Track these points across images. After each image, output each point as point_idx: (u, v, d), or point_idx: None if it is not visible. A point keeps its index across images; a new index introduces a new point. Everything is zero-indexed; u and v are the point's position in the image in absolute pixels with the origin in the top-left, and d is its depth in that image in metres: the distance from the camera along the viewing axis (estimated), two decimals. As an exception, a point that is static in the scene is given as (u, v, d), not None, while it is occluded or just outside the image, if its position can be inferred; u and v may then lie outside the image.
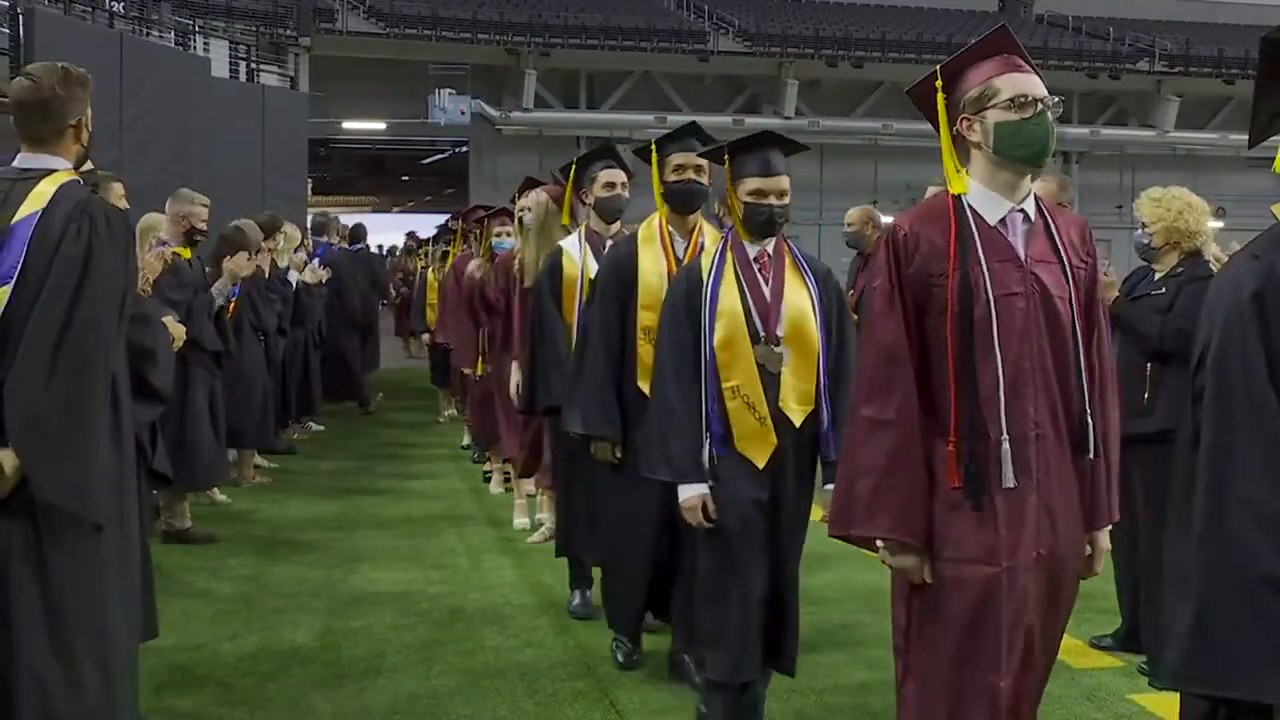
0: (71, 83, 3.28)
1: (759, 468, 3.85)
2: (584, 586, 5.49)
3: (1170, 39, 30.84)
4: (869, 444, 2.80)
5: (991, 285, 2.77)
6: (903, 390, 2.78)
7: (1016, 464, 2.76)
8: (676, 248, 4.58)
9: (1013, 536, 2.76)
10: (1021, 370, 2.78)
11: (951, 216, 2.83)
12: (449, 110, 27.35)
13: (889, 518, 2.78)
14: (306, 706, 4.44)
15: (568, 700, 4.48)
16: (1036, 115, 2.81)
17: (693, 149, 4.52)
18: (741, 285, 3.89)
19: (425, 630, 5.32)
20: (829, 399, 3.92)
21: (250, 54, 17.61)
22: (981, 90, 2.84)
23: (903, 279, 2.82)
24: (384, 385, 14.07)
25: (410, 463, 9.72)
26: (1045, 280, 2.83)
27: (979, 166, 2.87)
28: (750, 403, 3.83)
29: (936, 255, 2.80)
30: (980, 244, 2.80)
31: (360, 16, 28.08)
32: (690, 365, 3.87)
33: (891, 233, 2.88)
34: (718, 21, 30.68)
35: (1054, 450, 2.82)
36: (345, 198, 38.88)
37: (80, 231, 3.09)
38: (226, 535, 7.05)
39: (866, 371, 2.87)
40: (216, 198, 9.14)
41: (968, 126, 2.86)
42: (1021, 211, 2.86)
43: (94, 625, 3.15)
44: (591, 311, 4.68)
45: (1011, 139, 2.81)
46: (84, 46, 10.52)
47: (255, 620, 5.45)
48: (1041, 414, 2.80)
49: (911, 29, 31.20)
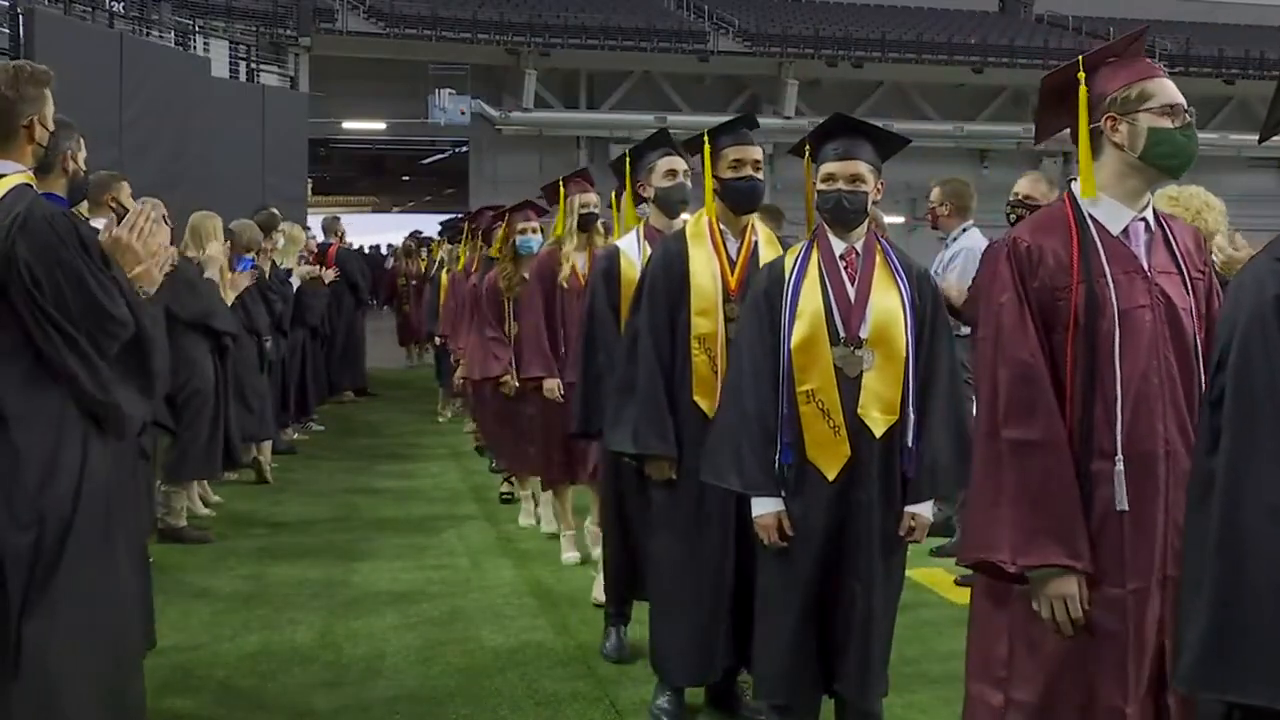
0: (23, 82, 3.17)
1: (829, 479, 3.57)
2: (621, 624, 4.96)
3: (1170, 39, 30.80)
4: (1018, 468, 2.66)
5: (1118, 299, 2.68)
6: (1046, 408, 2.67)
7: (1142, 483, 2.68)
8: (729, 247, 4.20)
9: (1138, 558, 2.68)
10: (1150, 385, 2.70)
11: (1073, 226, 2.73)
12: (449, 110, 27.35)
13: (1056, 544, 2.64)
14: (306, 706, 4.44)
15: (568, 700, 4.48)
16: (1186, 126, 2.74)
17: (750, 141, 4.22)
18: (824, 283, 3.62)
19: (425, 630, 5.32)
20: (917, 409, 3.61)
21: (250, 54, 17.63)
22: (1137, 91, 2.73)
23: (1029, 292, 2.71)
24: (384, 385, 14.08)
25: (410, 463, 9.72)
26: (1169, 292, 2.74)
27: (1108, 170, 2.77)
28: (825, 408, 3.56)
29: (1060, 268, 2.71)
30: (1105, 255, 2.71)
31: (360, 16, 28.07)
32: (769, 369, 3.61)
33: (1012, 245, 2.75)
34: (718, 21, 30.68)
35: (1184, 466, 2.71)
36: (345, 198, 38.89)
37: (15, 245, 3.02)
38: (226, 535, 7.05)
39: (1003, 391, 2.70)
40: (216, 198, 9.15)
41: (1112, 126, 2.73)
42: (1144, 220, 2.78)
43: (107, 618, 3.17)
44: (639, 316, 4.22)
45: (1164, 147, 2.72)
46: (84, 46, 10.53)
47: (255, 620, 5.45)
48: (1171, 430, 2.71)
49: (911, 29, 31.20)
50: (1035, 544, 2.64)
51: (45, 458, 3.06)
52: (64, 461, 3.08)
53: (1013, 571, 2.68)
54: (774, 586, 3.68)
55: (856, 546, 3.60)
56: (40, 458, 3.05)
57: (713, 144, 4.19)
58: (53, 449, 3.07)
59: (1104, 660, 2.68)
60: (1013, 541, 2.66)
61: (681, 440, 4.10)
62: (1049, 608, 2.68)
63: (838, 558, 3.61)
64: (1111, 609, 2.68)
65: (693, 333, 4.12)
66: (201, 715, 4.37)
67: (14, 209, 3.06)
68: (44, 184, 3.26)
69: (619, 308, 4.63)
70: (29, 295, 3.04)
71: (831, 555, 3.61)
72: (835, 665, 3.67)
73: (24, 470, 3.03)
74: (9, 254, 3.03)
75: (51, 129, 3.26)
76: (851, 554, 3.60)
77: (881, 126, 3.90)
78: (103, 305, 3.10)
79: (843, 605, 3.63)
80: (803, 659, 3.65)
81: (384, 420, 12.05)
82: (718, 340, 4.10)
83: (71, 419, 3.11)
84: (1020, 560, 2.66)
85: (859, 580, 3.60)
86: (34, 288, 3.03)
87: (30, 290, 3.03)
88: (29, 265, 3.03)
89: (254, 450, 8.46)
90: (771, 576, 3.69)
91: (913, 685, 4.50)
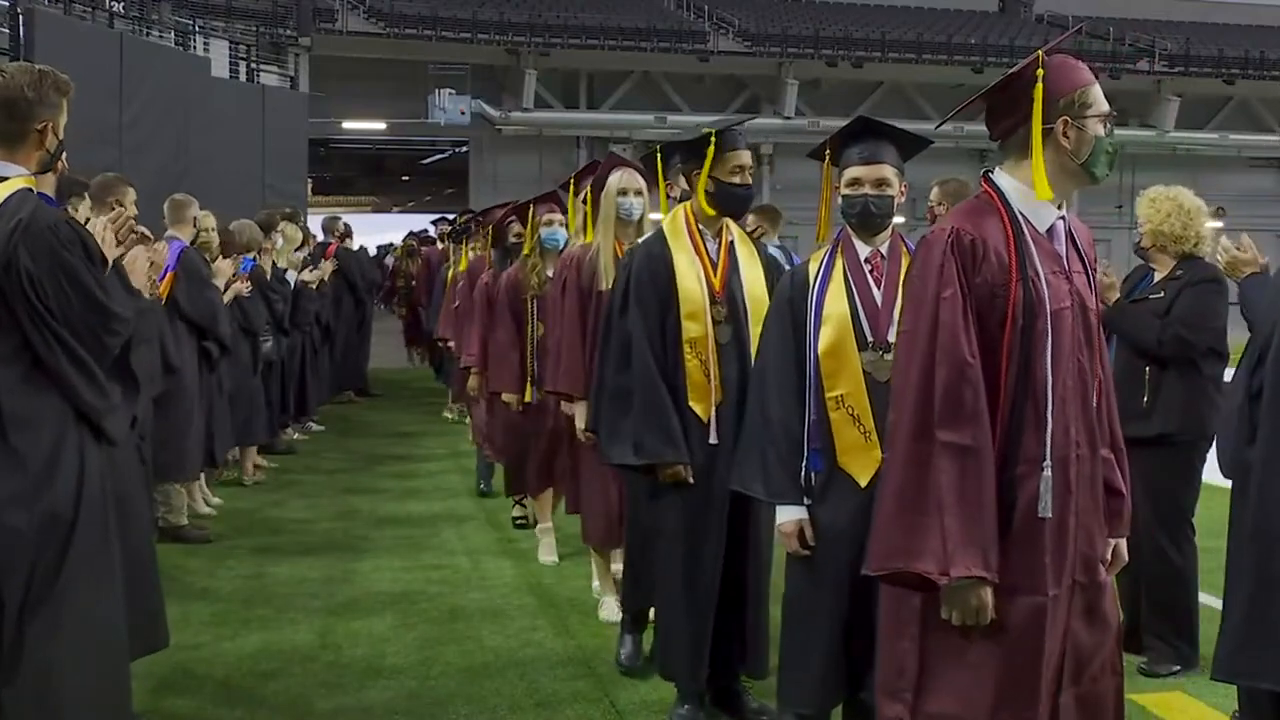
0: (45, 86, 3.17)
1: (861, 486, 3.49)
2: (636, 631, 4.82)
3: (1170, 39, 30.80)
4: (950, 473, 2.54)
5: (1050, 298, 2.63)
6: (980, 413, 2.56)
7: (1058, 489, 2.61)
8: (709, 247, 4.16)
9: (1055, 563, 2.62)
10: (1067, 388, 2.64)
11: (1005, 221, 2.67)
12: (449, 110, 27.33)
13: (981, 556, 2.53)
14: (306, 706, 4.44)
15: (568, 700, 4.48)
16: (1111, 133, 2.72)
17: (746, 147, 4.18)
18: (850, 288, 3.56)
19: (425, 630, 5.32)
20: None
21: (250, 54, 17.62)
22: (1081, 96, 2.68)
23: (971, 288, 2.62)
24: (384, 385, 14.07)
25: (410, 463, 9.72)
26: (1082, 293, 2.72)
27: (1046, 171, 2.70)
28: (855, 414, 3.49)
29: (1000, 264, 2.63)
30: (1036, 254, 2.65)
31: (360, 16, 28.06)
32: (794, 376, 3.56)
33: (956, 237, 2.65)
34: (718, 21, 30.67)
35: (1089, 470, 2.70)
36: (345, 198, 38.87)
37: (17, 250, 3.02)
38: (226, 535, 7.05)
39: (940, 390, 2.57)
40: (216, 198, 9.15)
41: (1064, 129, 2.67)
42: (1062, 219, 2.75)
43: (105, 620, 3.17)
44: (629, 321, 4.14)
45: (1104, 156, 2.70)
46: (84, 46, 10.54)
47: (255, 620, 5.45)
48: (1080, 433, 2.68)
49: (911, 29, 31.18)
50: (964, 554, 2.53)
51: (45, 460, 3.06)
52: (63, 464, 3.09)
53: (940, 583, 2.56)
54: (803, 595, 3.62)
55: None
56: (40, 460, 3.05)
57: (722, 147, 4.11)
58: (52, 452, 3.07)
59: (1020, 667, 2.62)
60: (940, 551, 2.53)
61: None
62: (961, 616, 2.59)
63: None
64: (1032, 617, 2.61)
65: (683, 337, 4.07)
66: (201, 715, 4.37)
67: (17, 214, 3.07)
68: (38, 184, 3.26)
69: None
70: (29, 300, 3.04)
71: (861, 562, 3.57)
72: (862, 671, 3.55)
73: (24, 473, 3.03)
74: (10, 259, 3.03)
75: (61, 138, 3.26)
76: None
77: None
78: (104, 304, 3.12)
79: (875, 612, 3.55)
80: (833, 668, 3.58)
81: (384, 420, 12.05)
82: (708, 344, 4.07)
83: (70, 422, 3.11)
84: (953, 571, 2.53)
85: None
86: (35, 292, 3.03)
87: (30, 296, 3.04)
88: (30, 270, 3.03)
89: (236, 453, 8.45)
90: (800, 585, 3.63)
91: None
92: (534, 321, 6.27)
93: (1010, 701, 2.61)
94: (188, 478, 7.11)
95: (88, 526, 3.12)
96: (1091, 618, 2.71)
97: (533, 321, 6.29)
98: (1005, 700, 2.61)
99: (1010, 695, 2.61)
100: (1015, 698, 2.61)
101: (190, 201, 6.89)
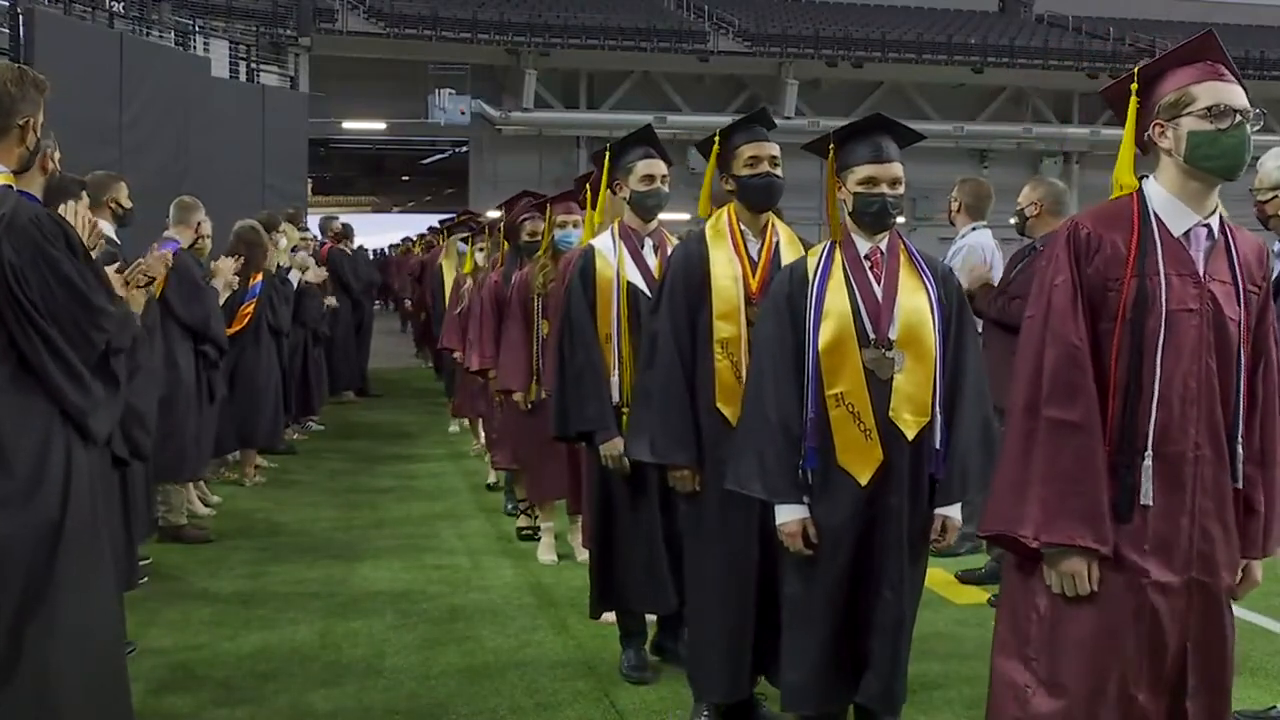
0: (26, 83, 3.19)
1: (861, 484, 3.47)
2: (638, 642, 4.75)
3: (1170, 39, 30.79)
4: (1052, 446, 2.71)
5: (1167, 298, 2.72)
6: (1088, 393, 2.71)
7: (1167, 482, 2.72)
8: (750, 248, 4.07)
9: (1159, 553, 2.73)
10: (1188, 388, 2.73)
11: (1135, 222, 2.77)
12: (449, 110, 27.38)
13: (1084, 526, 2.69)
14: (306, 706, 4.44)
15: (568, 700, 4.48)
16: (1233, 127, 2.73)
17: (764, 137, 4.08)
18: (850, 284, 3.52)
19: (425, 630, 5.32)
20: (945, 410, 3.51)
21: (250, 54, 17.64)
22: (1178, 96, 2.77)
23: (1083, 278, 2.76)
24: (384, 385, 14.08)
25: (410, 463, 9.71)
26: (1220, 300, 2.76)
27: (1168, 174, 2.80)
28: (855, 412, 3.45)
29: (1116, 260, 2.75)
30: (1161, 254, 2.75)
31: (360, 16, 28.10)
32: (792, 373, 3.50)
33: (1073, 230, 2.80)
34: (718, 21, 30.71)
35: (1213, 473, 2.76)
36: (345, 198, 38.93)
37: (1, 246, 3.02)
38: (226, 535, 7.05)
39: (1048, 370, 2.74)
40: (216, 197, 9.15)
41: (1159, 132, 2.79)
42: (1206, 226, 2.80)
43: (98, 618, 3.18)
44: (659, 319, 4.07)
45: (1204, 149, 2.74)
46: (84, 46, 10.54)
47: (255, 620, 5.45)
48: (1202, 435, 2.75)
49: (911, 29, 31.22)
50: (1060, 523, 2.69)
51: (33, 462, 3.05)
52: (51, 464, 3.07)
53: (1034, 546, 2.73)
54: (802, 595, 3.58)
55: (887, 552, 3.49)
56: (28, 462, 3.04)
57: (725, 143, 4.08)
58: (40, 452, 3.06)
59: (1120, 645, 2.73)
60: (1038, 518, 2.71)
61: (702, 448, 3.98)
62: (1059, 582, 2.75)
63: (868, 564, 3.51)
64: (1128, 596, 2.72)
65: (714, 337, 3.98)
66: (201, 715, 4.36)
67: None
68: (20, 183, 3.24)
69: (595, 307, 4.59)
70: (13, 295, 3.03)
71: (862, 561, 3.51)
72: (861, 674, 3.56)
73: (11, 475, 3.02)
74: None
75: (40, 137, 3.27)
76: (882, 559, 3.50)
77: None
78: (89, 299, 3.13)
79: (874, 612, 3.54)
80: (834, 668, 3.55)
81: (384, 420, 12.04)
82: (740, 345, 3.96)
83: (57, 421, 3.10)
84: (1044, 536, 2.71)
85: (890, 587, 3.50)
86: (19, 287, 3.03)
87: (15, 290, 3.03)
88: (14, 264, 3.03)
89: (236, 454, 8.45)
90: (799, 585, 3.59)
91: (912, 687, 4.48)
92: (538, 319, 6.25)
93: (1114, 676, 2.72)
94: (188, 478, 7.08)
95: (77, 526, 3.10)
96: (1208, 618, 2.79)
97: (538, 320, 6.27)
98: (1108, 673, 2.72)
99: (1111, 668, 2.72)
100: (1121, 673, 2.72)
101: (197, 205, 6.90)
